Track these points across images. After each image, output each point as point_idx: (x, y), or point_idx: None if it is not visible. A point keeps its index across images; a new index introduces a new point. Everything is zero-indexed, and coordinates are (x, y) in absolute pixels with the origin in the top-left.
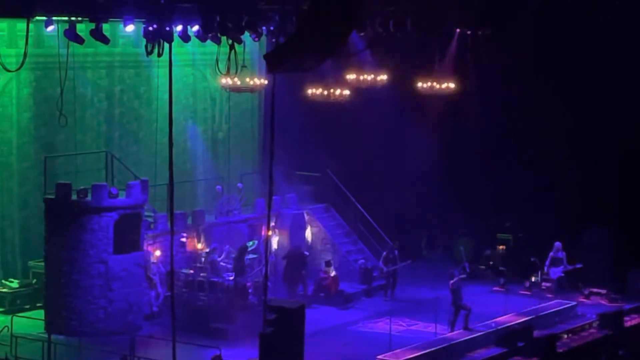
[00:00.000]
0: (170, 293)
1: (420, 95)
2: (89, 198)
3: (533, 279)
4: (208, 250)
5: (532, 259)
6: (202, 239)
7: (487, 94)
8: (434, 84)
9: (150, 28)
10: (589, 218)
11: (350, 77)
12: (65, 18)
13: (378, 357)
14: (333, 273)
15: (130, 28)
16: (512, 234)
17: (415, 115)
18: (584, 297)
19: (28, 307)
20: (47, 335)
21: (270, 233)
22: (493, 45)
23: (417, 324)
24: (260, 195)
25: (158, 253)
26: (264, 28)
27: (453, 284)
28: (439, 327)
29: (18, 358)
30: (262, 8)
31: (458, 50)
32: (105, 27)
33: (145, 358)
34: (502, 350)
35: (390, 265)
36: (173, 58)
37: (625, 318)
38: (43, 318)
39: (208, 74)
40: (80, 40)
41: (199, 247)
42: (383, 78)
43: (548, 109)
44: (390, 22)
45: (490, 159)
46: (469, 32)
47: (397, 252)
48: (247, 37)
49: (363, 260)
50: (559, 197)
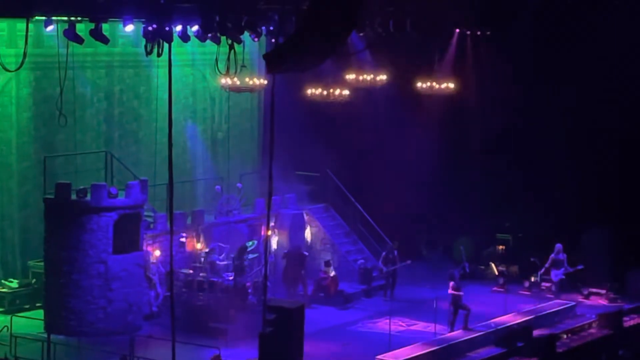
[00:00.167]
0: (170, 293)
1: (420, 96)
2: (89, 198)
3: (532, 279)
4: (207, 250)
5: (531, 259)
6: (201, 239)
7: (486, 94)
8: (434, 84)
9: (150, 28)
10: (589, 218)
11: (350, 77)
12: (65, 18)
13: (377, 357)
14: (332, 273)
15: (130, 28)
16: (511, 234)
17: (415, 116)
18: (584, 297)
19: (27, 307)
20: (46, 335)
21: (270, 233)
22: (493, 46)
23: (416, 324)
24: (260, 195)
25: (157, 253)
26: (264, 28)
27: (453, 285)
28: (439, 327)
29: (18, 358)
30: (261, 8)
31: (457, 51)
32: (105, 27)
33: (145, 358)
34: (501, 350)
35: (390, 265)
36: (173, 58)
37: (625, 318)
38: (42, 318)
39: (207, 74)
40: (80, 40)
41: (199, 247)
42: (382, 78)
43: (548, 109)
44: (390, 22)
45: (490, 159)
46: (469, 32)
47: (396, 252)
48: (246, 37)
49: (362, 260)
50: (559, 197)
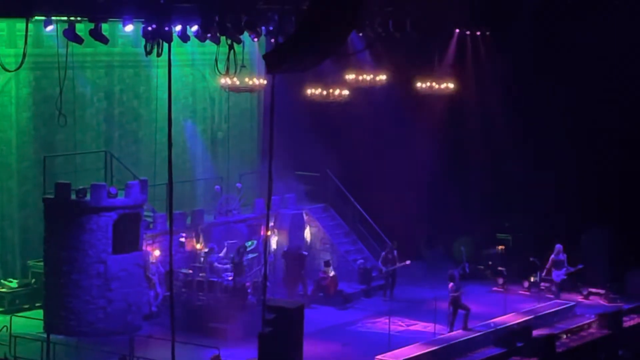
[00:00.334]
0: (170, 293)
1: (420, 96)
2: (88, 198)
3: (532, 279)
4: (207, 250)
5: (531, 259)
6: (201, 239)
7: (486, 94)
8: (433, 84)
9: (150, 28)
10: (589, 218)
11: (350, 77)
12: (65, 18)
13: (377, 357)
14: (332, 273)
15: (130, 28)
16: (511, 234)
17: (415, 116)
18: (583, 297)
19: (27, 307)
20: (46, 335)
21: (269, 233)
22: (493, 46)
23: (416, 324)
24: (259, 195)
25: (157, 253)
26: (263, 28)
27: (452, 287)
28: (438, 327)
29: (17, 358)
30: (261, 8)
31: (457, 51)
32: (105, 27)
33: (144, 358)
34: (501, 350)
35: (390, 265)
36: (172, 58)
37: (624, 318)
38: (42, 318)
39: (207, 74)
40: (80, 40)
41: (198, 247)
42: (382, 78)
43: (548, 109)
44: (390, 22)
45: (490, 159)
46: (468, 32)
47: (396, 252)
48: (246, 37)
49: (362, 260)
50: (559, 197)
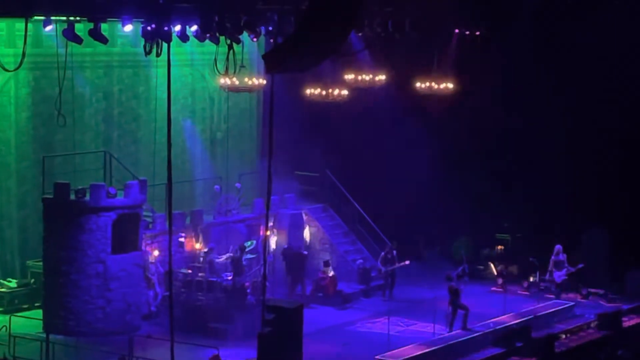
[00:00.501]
0: (169, 293)
1: (419, 96)
2: (88, 198)
3: (531, 279)
4: (206, 250)
5: (530, 259)
6: (200, 239)
7: (485, 94)
8: (433, 84)
9: (149, 28)
10: (589, 218)
11: (349, 77)
12: (64, 18)
13: (376, 357)
14: (331, 273)
15: (129, 28)
16: (510, 234)
17: (414, 116)
18: (583, 297)
19: (26, 306)
20: (45, 335)
21: (269, 233)
22: (492, 46)
23: (415, 324)
24: (259, 195)
25: (156, 253)
26: (263, 28)
27: (452, 286)
28: (438, 327)
29: (16, 358)
30: (260, 8)
31: (457, 51)
32: (104, 26)
33: (144, 358)
34: (500, 351)
35: (389, 266)
36: (172, 58)
37: (624, 318)
38: (41, 318)
39: (207, 74)
40: (79, 40)
41: (198, 247)
42: (381, 78)
43: (548, 109)
44: (389, 22)
45: (489, 159)
46: (468, 32)
47: (395, 252)
48: (245, 37)
49: (361, 261)
50: (559, 197)
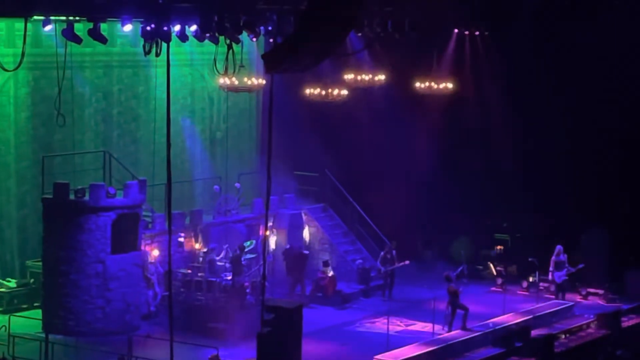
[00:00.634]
0: (168, 293)
1: (418, 96)
2: (87, 198)
3: (531, 279)
4: (206, 250)
5: (529, 259)
6: (199, 239)
7: (485, 94)
8: (432, 84)
9: (148, 28)
10: (588, 218)
11: (348, 77)
12: (63, 18)
13: (376, 357)
14: (331, 273)
15: (128, 28)
16: (509, 234)
17: (413, 115)
18: (582, 297)
19: (26, 306)
20: (44, 335)
21: (268, 233)
22: (492, 45)
23: (414, 324)
24: (258, 195)
25: (156, 253)
26: (262, 28)
27: (451, 287)
28: (437, 327)
29: (16, 358)
30: (260, 8)
31: (456, 51)
32: (103, 26)
33: (143, 358)
34: (499, 351)
35: (388, 265)
36: (171, 58)
37: (623, 318)
38: (41, 318)
39: (206, 74)
40: (78, 40)
41: (197, 246)
42: (381, 78)
43: (548, 109)
44: (389, 22)
45: (489, 159)
46: (467, 32)
47: (394, 252)
48: (245, 37)
49: (361, 260)
50: (558, 197)
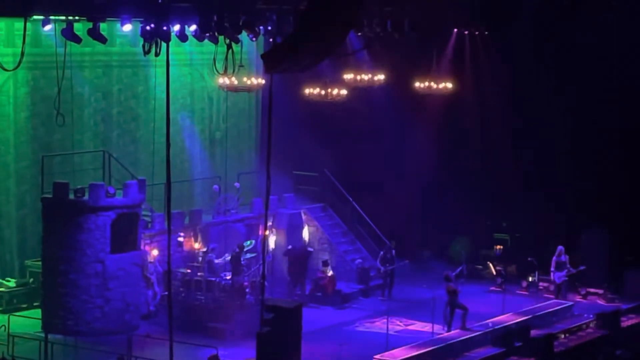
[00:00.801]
0: (167, 292)
1: (418, 95)
2: (87, 197)
3: (530, 279)
4: (205, 250)
5: (529, 259)
6: (199, 239)
7: (485, 94)
8: (432, 84)
9: (148, 27)
10: (588, 218)
11: (348, 76)
12: (63, 17)
13: (375, 357)
14: (330, 273)
15: (128, 27)
16: (509, 234)
17: (413, 115)
18: (581, 297)
19: (25, 306)
20: (44, 335)
21: (268, 233)
22: (491, 45)
23: (414, 324)
24: (258, 195)
25: (155, 252)
26: (262, 28)
27: (450, 287)
28: (436, 326)
29: (15, 357)
30: (259, 8)
31: (456, 50)
32: (103, 26)
33: (142, 358)
34: (499, 350)
35: (388, 265)
36: (170, 57)
37: (622, 318)
38: (40, 317)
39: (205, 74)
40: (78, 40)
41: (196, 246)
42: (380, 78)
43: (548, 109)
44: (388, 22)
45: (489, 159)
46: (467, 32)
47: (394, 251)
48: (244, 36)
49: (360, 260)
50: (558, 197)
